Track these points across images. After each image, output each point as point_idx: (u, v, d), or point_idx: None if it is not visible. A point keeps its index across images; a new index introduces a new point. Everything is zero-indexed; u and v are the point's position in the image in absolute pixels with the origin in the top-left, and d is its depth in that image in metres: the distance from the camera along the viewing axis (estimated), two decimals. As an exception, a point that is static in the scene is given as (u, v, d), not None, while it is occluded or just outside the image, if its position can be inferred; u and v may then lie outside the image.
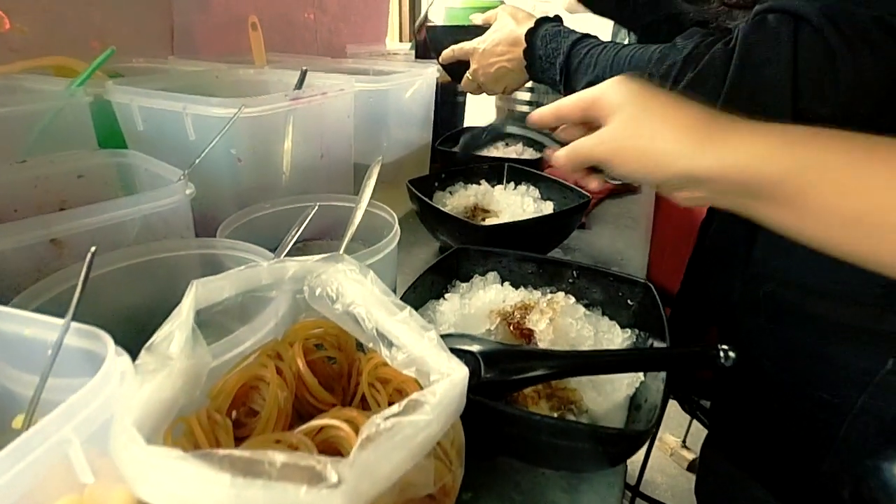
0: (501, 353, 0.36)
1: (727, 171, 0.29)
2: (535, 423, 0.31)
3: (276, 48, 1.17)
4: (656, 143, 0.31)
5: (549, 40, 0.61)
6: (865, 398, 0.47)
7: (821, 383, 0.50)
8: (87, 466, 0.21)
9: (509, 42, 0.65)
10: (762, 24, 0.41)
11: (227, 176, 0.57)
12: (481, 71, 0.70)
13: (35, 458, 0.19)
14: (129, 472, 0.19)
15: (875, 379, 0.46)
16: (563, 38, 0.60)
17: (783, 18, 0.39)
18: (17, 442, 0.19)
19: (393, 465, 0.21)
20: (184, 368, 0.26)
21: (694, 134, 0.30)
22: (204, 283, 0.30)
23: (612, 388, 0.40)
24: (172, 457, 0.18)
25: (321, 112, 0.67)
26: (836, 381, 0.49)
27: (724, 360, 0.34)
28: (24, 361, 0.27)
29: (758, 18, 0.41)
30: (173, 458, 0.18)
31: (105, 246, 0.43)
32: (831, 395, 0.49)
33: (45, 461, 0.20)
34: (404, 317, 0.29)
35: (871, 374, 0.47)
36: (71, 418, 0.20)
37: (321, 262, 0.34)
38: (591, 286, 0.51)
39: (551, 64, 0.60)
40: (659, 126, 0.31)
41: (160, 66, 0.85)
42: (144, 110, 0.58)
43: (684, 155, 0.30)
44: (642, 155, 0.32)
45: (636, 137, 0.32)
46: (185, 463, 0.18)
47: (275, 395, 0.29)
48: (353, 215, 0.56)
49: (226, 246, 0.46)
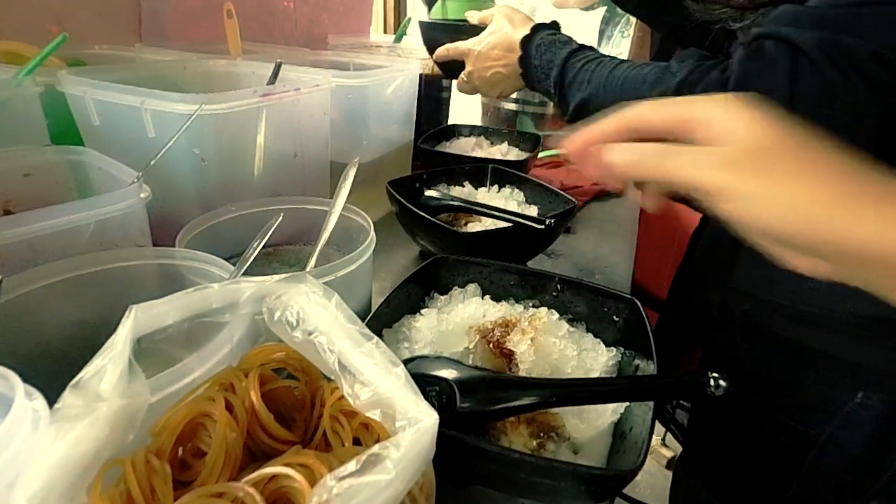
0: (479, 381, 0.33)
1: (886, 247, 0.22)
2: (513, 461, 0.29)
3: (254, 37, 1.12)
4: (801, 193, 0.23)
5: (543, 50, 0.58)
6: (832, 429, 0.46)
7: (789, 409, 0.49)
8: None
9: (505, 47, 0.63)
10: (759, 52, 0.39)
11: (189, 177, 0.54)
12: (476, 74, 0.68)
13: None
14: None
15: (843, 410, 0.45)
16: (557, 48, 0.57)
17: (781, 48, 0.37)
18: None
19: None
20: (115, 410, 0.23)
21: (851, 194, 0.23)
22: (144, 309, 0.27)
23: (595, 414, 0.37)
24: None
25: (295, 109, 0.63)
26: (804, 409, 0.48)
27: (713, 388, 0.32)
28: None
29: (755, 45, 0.39)
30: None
31: (50, 255, 0.40)
32: (798, 422, 0.49)
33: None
34: (370, 348, 0.26)
35: (840, 405, 0.46)
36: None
37: (282, 282, 0.31)
38: (575, 300, 0.49)
39: (546, 75, 0.58)
40: (804, 173, 0.24)
41: (125, 55, 0.80)
42: (100, 104, 0.53)
43: (840, 218, 0.23)
44: (777, 203, 0.24)
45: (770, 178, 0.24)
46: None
47: (223, 436, 0.26)
48: (327, 220, 0.53)
49: (185, 256, 0.42)
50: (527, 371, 0.40)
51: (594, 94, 0.52)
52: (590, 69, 0.53)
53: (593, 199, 0.99)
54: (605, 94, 0.51)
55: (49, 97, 0.56)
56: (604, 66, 0.52)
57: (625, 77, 0.50)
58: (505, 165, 0.81)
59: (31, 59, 0.59)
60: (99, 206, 0.41)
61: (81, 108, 0.55)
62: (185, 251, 0.42)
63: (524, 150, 1.00)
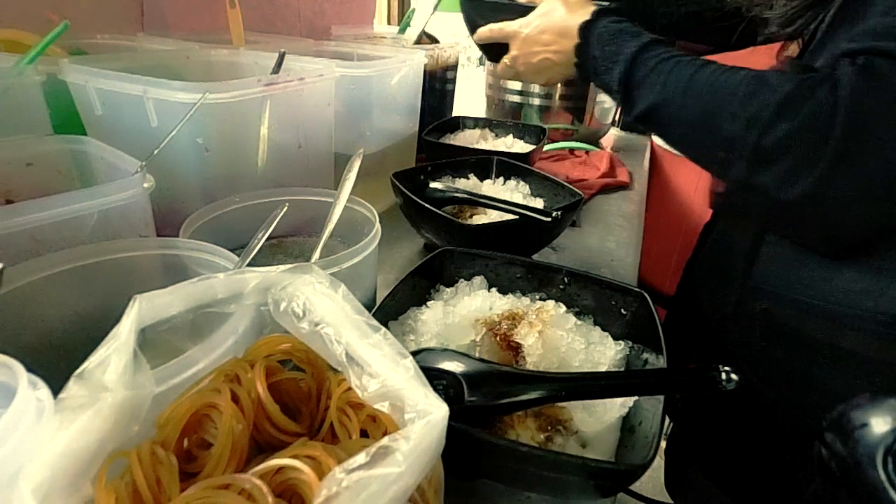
0: (487, 374, 0.33)
1: None
2: (522, 454, 0.28)
3: (256, 28, 1.11)
4: None
5: (607, 40, 0.51)
6: None
7: (811, 409, 0.48)
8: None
9: (558, 31, 0.56)
10: (870, 71, 0.35)
11: (193, 167, 0.53)
12: (522, 59, 0.61)
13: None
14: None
15: None
16: (625, 40, 0.50)
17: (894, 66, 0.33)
18: None
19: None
20: (119, 401, 0.22)
21: None
22: (148, 299, 0.26)
23: (603, 408, 0.37)
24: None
25: (299, 99, 0.62)
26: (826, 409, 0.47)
27: (725, 382, 0.32)
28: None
29: (863, 63, 0.35)
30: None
31: (52, 245, 0.39)
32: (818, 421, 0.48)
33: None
34: (378, 340, 0.26)
35: None
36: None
37: (287, 272, 0.30)
38: (582, 293, 0.48)
39: (607, 69, 0.51)
40: None
41: (127, 44, 0.79)
42: (102, 93, 0.53)
43: None
44: None
45: None
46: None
47: (229, 427, 0.25)
48: (332, 211, 0.52)
49: (189, 247, 0.42)
50: (534, 364, 0.39)
51: (669, 100, 0.46)
52: (665, 69, 0.46)
53: (598, 193, 0.98)
54: (685, 101, 0.44)
55: (51, 86, 0.55)
56: (683, 68, 0.45)
57: (710, 84, 0.43)
58: (510, 158, 0.80)
59: (32, 47, 0.58)
60: (102, 196, 0.40)
61: (83, 97, 0.54)
62: (189, 241, 0.42)
63: (529, 143, 0.99)
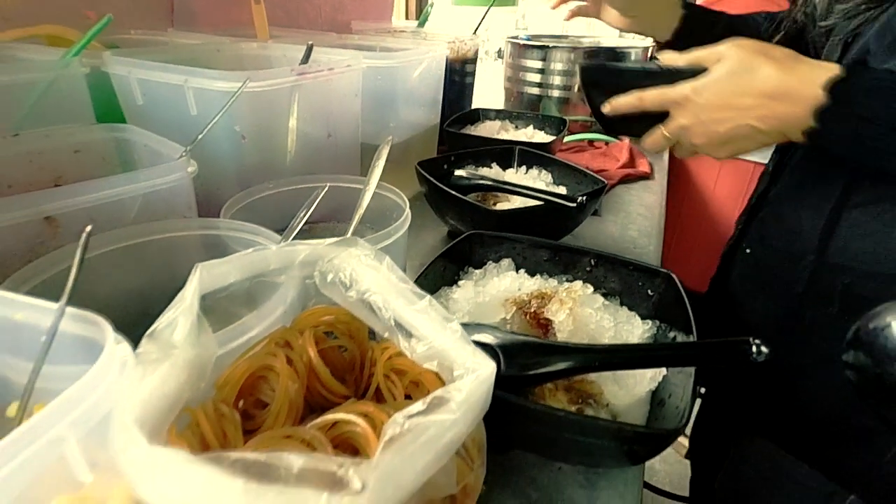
0: (521, 346, 0.34)
1: None
2: (558, 419, 0.30)
3: (279, 23, 1.13)
4: None
5: (887, 98, 0.43)
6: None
7: None
8: (84, 464, 0.19)
9: (767, 93, 0.47)
10: None
11: (230, 154, 0.55)
12: (699, 129, 0.51)
13: (28, 456, 0.18)
14: (131, 474, 0.17)
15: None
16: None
17: None
18: (9, 439, 0.17)
19: (418, 469, 0.19)
20: (189, 358, 0.24)
21: None
22: (209, 268, 0.28)
23: (633, 381, 0.38)
24: (180, 459, 0.16)
25: (328, 89, 0.64)
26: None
27: (756, 354, 0.32)
28: (18, 347, 0.25)
29: None
30: (181, 460, 0.16)
31: (102, 225, 0.41)
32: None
33: (39, 459, 0.18)
34: (424, 306, 0.27)
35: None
36: (67, 413, 0.19)
37: (333, 245, 0.32)
38: (608, 275, 0.49)
39: (882, 134, 0.43)
40: None
41: (158, 39, 0.81)
42: (143, 83, 0.55)
43: None
44: None
45: None
46: (193, 466, 0.16)
47: (285, 386, 0.27)
48: (362, 197, 0.54)
49: (230, 227, 0.44)
50: (564, 340, 0.40)
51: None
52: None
53: (619, 183, 0.99)
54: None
55: (93, 78, 0.58)
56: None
57: None
58: (532, 147, 0.81)
59: (72, 41, 0.61)
60: (149, 179, 0.42)
61: (125, 87, 0.57)
62: (231, 222, 0.44)
63: (550, 133, 1.00)
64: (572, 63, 1.15)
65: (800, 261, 0.54)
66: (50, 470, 0.19)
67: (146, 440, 0.17)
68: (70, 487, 0.20)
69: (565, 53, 1.16)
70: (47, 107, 0.54)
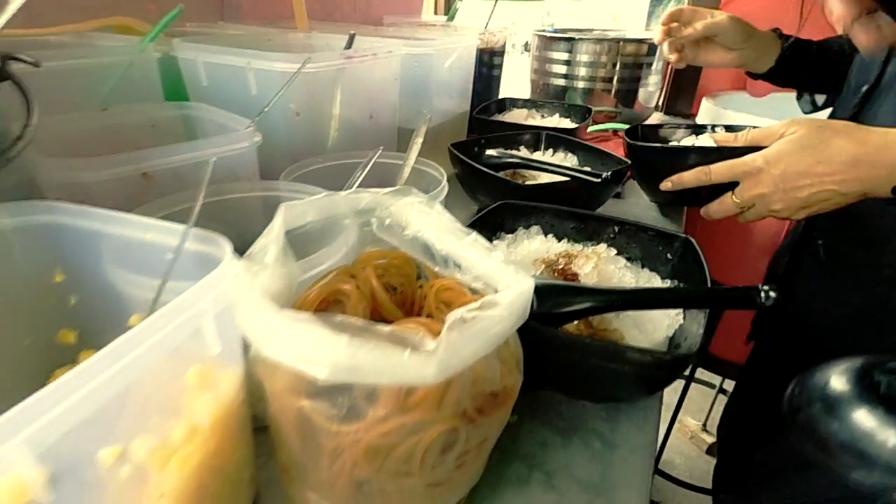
0: (551, 288, 0.39)
1: None
2: (586, 345, 0.34)
3: (316, 17, 1.20)
4: None
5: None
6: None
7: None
8: (216, 338, 0.24)
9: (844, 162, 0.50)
10: None
11: (283, 130, 0.61)
12: (779, 196, 0.54)
13: (175, 326, 0.23)
14: (258, 335, 0.23)
15: None
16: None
17: None
18: (162, 311, 0.23)
19: (473, 349, 0.24)
20: (280, 274, 0.29)
21: None
22: (291, 207, 0.33)
23: (652, 327, 0.42)
24: (300, 319, 0.22)
25: (371, 73, 0.69)
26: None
27: (764, 300, 0.36)
28: (139, 265, 0.31)
29: None
30: (301, 320, 0.22)
31: (186, 183, 0.47)
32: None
33: (183, 330, 0.23)
34: (471, 240, 0.32)
35: None
36: (206, 294, 0.24)
37: (391, 194, 0.37)
38: (630, 242, 0.53)
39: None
40: None
41: (210, 31, 0.88)
42: (209, 66, 0.61)
43: None
44: None
45: None
46: (310, 325, 0.21)
47: (355, 307, 0.32)
48: (402, 170, 0.59)
49: (290, 188, 0.49)
50: (589, 292, 0.45)
51: None
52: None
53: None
54: None
55: (162, 63, 0.65)
56: None
57: None
58: (558, 132, 0.85)
59: (138, 31, 0.68)
60: (222, 145, 0.48)
61: (191, 70, 0.63)
62: (290, 184, 0.49)
63: (575, 121, 1.03)
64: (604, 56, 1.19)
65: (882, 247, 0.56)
66: (188, 342, 0.24)
67: (276, 307, 0.22)
68: (202, 359, 0.25)
69: (591, 45, 1.19)
70: (125, 87, 0.61)
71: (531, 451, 0.39)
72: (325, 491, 0.28)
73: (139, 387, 0.21)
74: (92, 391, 0.18)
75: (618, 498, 0.36)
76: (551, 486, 0.37)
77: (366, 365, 0.21)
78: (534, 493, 0.36)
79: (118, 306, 0.33)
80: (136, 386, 0.21)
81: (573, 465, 0.38)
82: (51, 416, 0.17)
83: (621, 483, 0.37)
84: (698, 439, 1.72)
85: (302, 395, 0.26)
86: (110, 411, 0.20)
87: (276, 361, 0.22)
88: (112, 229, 0.31)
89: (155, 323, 0.22)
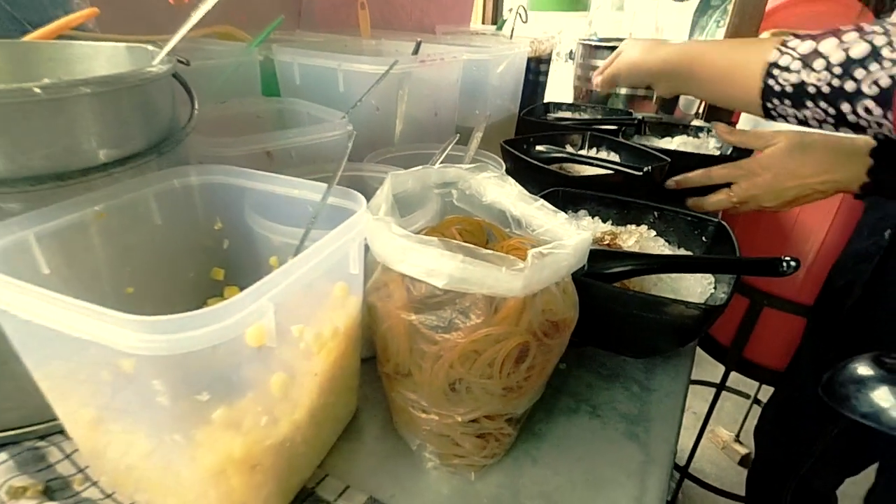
0: (601, 252, 0.46)
1: None
2: (629, 297, 0.41)
3: (377, 25, 1.31)
4: None
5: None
6: None
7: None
8: (359, 260, 0.33)
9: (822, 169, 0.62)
10: None
11: (365, 122, 0.70)
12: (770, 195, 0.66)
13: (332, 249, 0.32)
14: (392, 255, 0.31)
15: None
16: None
17: None
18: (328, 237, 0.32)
19: (548, 274, 0.32)
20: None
21: None
22: (395, 175, 0.42)
23: (687, 293, 0.49)
24: (424, 241, 0.30)
25: (437, 75, 0.79)
26: None
27: (785, 268, 0.43)
28: (283, 216, 0.40)
29: None
30: (424, 242, 0.30)
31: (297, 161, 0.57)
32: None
33: (338, 253, 0.32)
34: (540, 205, 0.40)
35: None
36: (353, 228, 0.33)
37: (470, 170, 0.45)
38: (668, 226, 0.60)
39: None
40: None
41: (289, 38, 1.00)
42: (303, 67, 0.72)
43: None
44: None
45: None
46: (431, 246, 0.30)
47: (445, 253, 0.40)
48: (465, 159, 0.68)
49: (373, 169, 0.59)
50: (631, 263, 0.52)
51: None
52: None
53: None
54: None
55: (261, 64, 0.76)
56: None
57: None
58: (601, 132, 0.92)
59: (238, 37, 0.79)
60: (324, 132, 0.58)
61: (287, 71, 0.74)
62: (376, 165, 0.59)
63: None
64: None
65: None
66: (340, 262, 0.33)
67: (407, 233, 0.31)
68: (345, 278, 0.34)
69: (634, 54, 1.25)
70: (232, 84, 0.72)
71: (578, 391, 0.47)
72: (423, 391, 0.37)
73: (311, 288, 0.30)
74: (296, 279, 0.27)
75: (653, 427, 0.43)
76: (596, 415, 0.44)
77: (473, 276, 0.30)
78: (581, 419, 0.44)
79: (259, 250, 0.42)
80: (310, 287, 0.30)
81: (615, 401, 0.45)
82: (279, 288, 0.26)
83: (657, 416, 0.44)
84: (731, 450, 1.71)
85: (412, 311, 0.34)
86: (299, 300, 0.29)
87: (404, 274, 0.31)
88: (263, 186, 0.41)
89: (324, 244, 0.31)
